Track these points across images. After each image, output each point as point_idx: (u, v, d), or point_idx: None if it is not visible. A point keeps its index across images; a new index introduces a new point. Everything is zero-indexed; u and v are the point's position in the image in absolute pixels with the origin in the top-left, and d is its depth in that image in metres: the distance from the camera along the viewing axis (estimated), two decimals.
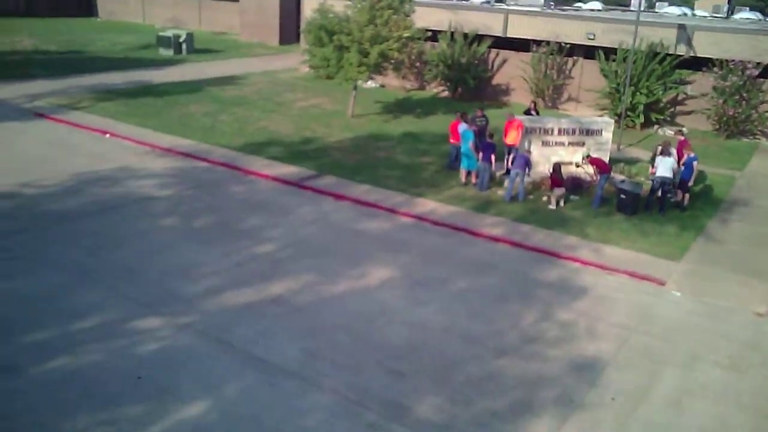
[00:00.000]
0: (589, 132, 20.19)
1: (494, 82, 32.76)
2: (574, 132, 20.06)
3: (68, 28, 55.81)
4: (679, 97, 28.50)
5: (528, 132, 19.67)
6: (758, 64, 25.72)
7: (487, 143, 18.77)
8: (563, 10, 36.12)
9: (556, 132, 19.95)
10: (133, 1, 64.43)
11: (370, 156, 22.01)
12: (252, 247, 14.53)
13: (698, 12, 70.41)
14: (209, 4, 59.01)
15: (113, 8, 66.27)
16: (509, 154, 19.85)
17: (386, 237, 15.62)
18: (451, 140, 20.46)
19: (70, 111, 26.02)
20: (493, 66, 32.56)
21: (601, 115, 28.61)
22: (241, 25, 53.64)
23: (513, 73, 31.95)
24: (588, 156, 18.76)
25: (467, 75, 31.18)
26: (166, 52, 43.20)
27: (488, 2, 38.29)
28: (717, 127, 27.26)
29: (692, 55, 27.29)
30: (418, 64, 33.84)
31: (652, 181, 17.74)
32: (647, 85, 27.12)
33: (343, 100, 29.00)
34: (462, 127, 19.58)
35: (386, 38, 24.75)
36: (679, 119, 28.88)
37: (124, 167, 19.64)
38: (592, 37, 28.81)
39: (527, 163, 18.14)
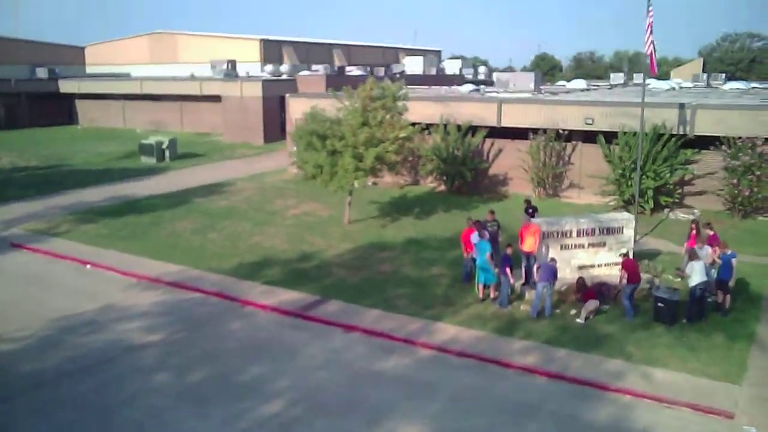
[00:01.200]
0: (609, 230, 18.79)
1: (491, 172, 31.65)
2: (593, 232, 18.64)
3: (49, 139, 54.97)
4: (686, 177, 27.41)
5: (545, 236, 18.21)
6: (766, 139, 24.74)
7: (504, 255, 17.24)
8: (554, 93, 35.54)
9: (574, 234, 18.51)
10: (114, 106, 64.14)
11: (375, 271, 20.38)
12: (257, 407, 12.62)
13: (676, 81, 71.31)
14: (190, 105, 58.64)
15: (94, 115, 65.90)
16: (527, 261, 18.32)
17: (408, 378, 13.79)
18: (465, 252, 18.90)
19: (49, 238, 24.40)
20: (489, 156, 31.52)
21: (608, 202, 27.54)
22: (224, 126, 53.03)
23: (510, 162, 30.88)
24: (626, 255, 17.25)
25: (464, 168, 30.05)
26: (149, 160, 42.16)
27: (477, 90, 37.76)
28: (730, 206, 26.04)
29: (696, 134, 26.32)
30: (410, 158, 32.71)
31: (693, 289, 16.13)
32: (654, 169, 26.02)
33: (336, 205, 27.64)
34: (475, 237, 18.11)
35: (382, 140, 23.60)
36: (688, 200, 27.72)
37: (108, 306, 17.84)
38: (590, 122, 27.92)
39: (554, 274, 16.60)
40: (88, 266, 21.47)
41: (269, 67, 59.03)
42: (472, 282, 18.47)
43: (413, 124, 30.93)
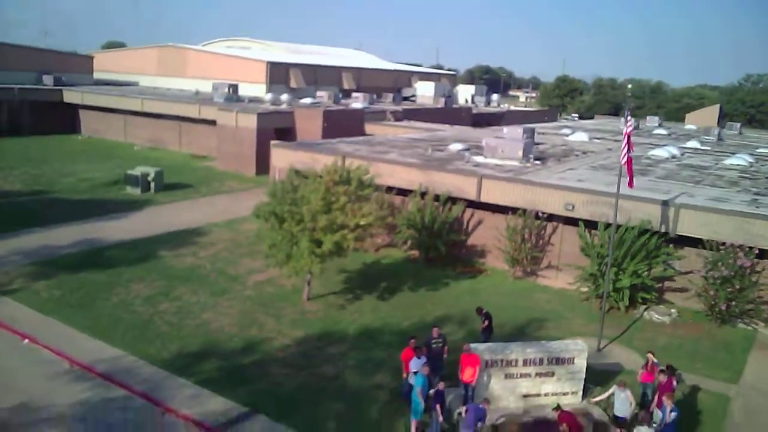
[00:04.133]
0: (559, 360, 17.72)
1: (469, 242, 30.62)
2: (541, 362, 17.57)
3: (46, 152, 54.74)
4: (666, 272, 26.17)
5: (488, 365, 17.18)
6: (750, 249, 23.44)
7: (437, 391, 16.20)
8: (543, 159, 34.34)
9: (520, 363, 17.46)
10: (116, 119, 63.91)
11: (316, 374, 19.39)
12: None
13: (688, 129, 69.82)
14: (189, 126, 58.25)
15: (96, 126, 65.84)
16: (465, 391, 17.27)
17: None
18: (404, 372, 17.88)
19: None
20: (467, 226, 30.49)
21: (582, 293, 26.41)
22: (218, 153, 52.34)
23: (489, 234, 29.83)
24: (558, 408, 16.11)
25: (438, 241, 29.01)
26: (134, 191, 41.61)
27: (467, 150, 36.73)
28: (709, 312, 24.76)
29: (678, 234, 25.11)
30: (390, 218, 31.71)
31: None
32: (632, 268, 24.75)
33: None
34: (414, 363, 17.07)
35: (343, 226, 22.64)
36: (668, 296, 26.51)
37: (24, 405, 17.00)
38: (570, 208, 26.76)
39: (480, 419, 15.47)
40: (26, 341, 20.68)
41: (269, 96, 58.30)
42: (409, 401, 17.44)
43: (390, 188, 30.45)
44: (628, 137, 20.55)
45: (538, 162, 33.90)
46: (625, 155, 20.72)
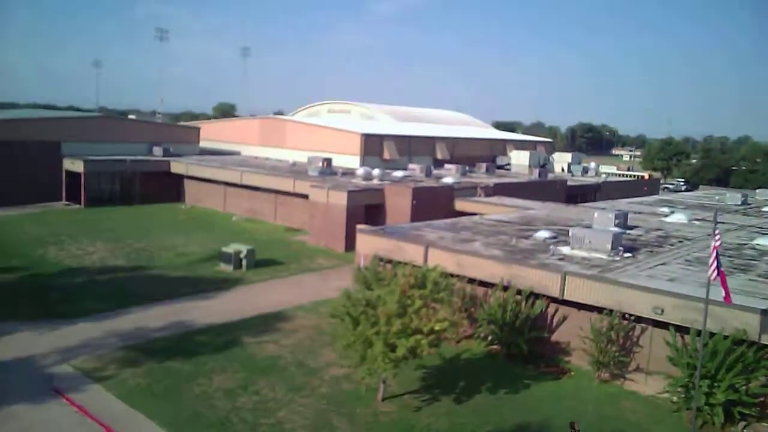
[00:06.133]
0: None
1: (553, 339, 29.59)
2: None
3: (151, 222, 58.21)
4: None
5: None
6: None
7: None
8: (634, 253, 32.96)
9: None
10: (216, 190, 67.03)
11: None
12: None
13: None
14: (284, 199, 60.23)
15: (198, 196, 69.30)
16: None
17: None
18: None
19: (90, 384, 24.97)
20: (551, 322, 29.55)
21: (674, 402, 24.79)
22: (309, 227, 53.66)
23: (574, 331, 28.73)
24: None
25: (520, 338, 28.24)
26: (227, 267, 43.18)
27: (555, 238, 35.92)
28: None
29: None
30: (472, 309, 31.28)
31: None
32: (728, 380, 23.10)
33: None
34: None
35: (417, 330, 22.48)
36: None
37: None
38: (659, 312, 25.45)
39: None
40: None
41: (361, 170, 59.57)
42: None
43: (473, 280, 30.16)
44: (716, 252, 19.49)
45: (628, 254, 32.60)
46: (714, 270, 19.63)
